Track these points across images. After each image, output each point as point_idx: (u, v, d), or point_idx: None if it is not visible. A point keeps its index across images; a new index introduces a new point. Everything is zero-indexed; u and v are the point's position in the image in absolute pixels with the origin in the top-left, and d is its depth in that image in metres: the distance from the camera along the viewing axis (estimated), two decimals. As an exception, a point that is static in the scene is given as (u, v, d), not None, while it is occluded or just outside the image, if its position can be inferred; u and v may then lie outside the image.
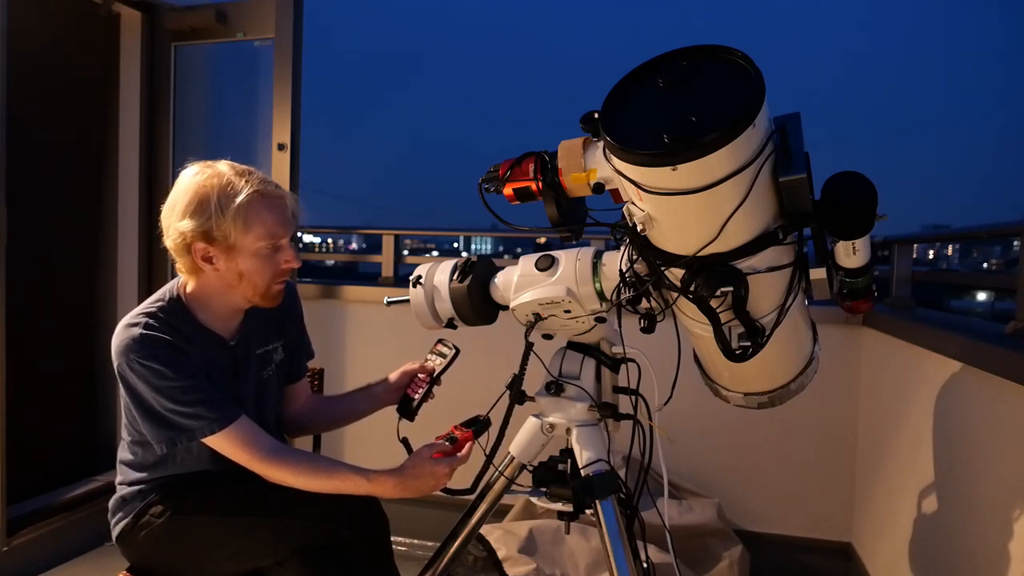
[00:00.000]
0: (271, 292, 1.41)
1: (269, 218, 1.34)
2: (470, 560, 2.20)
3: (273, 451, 1.36)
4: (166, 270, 2.97)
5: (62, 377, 2.93)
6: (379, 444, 1.71)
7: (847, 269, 1.15)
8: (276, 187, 1.38)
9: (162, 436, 1.33)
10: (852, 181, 1.08)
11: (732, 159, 0.97)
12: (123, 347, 1.31)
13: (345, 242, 24.88)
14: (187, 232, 1.32)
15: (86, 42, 2.95)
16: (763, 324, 1.17)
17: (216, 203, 1.30)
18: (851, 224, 1.08)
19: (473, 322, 1.45)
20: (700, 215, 1.06)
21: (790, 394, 1.41)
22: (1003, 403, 1.40)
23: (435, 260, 1.51)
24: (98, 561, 2.62)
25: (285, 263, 1.40)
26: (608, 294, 1.30)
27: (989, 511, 1.44)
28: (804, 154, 1.04)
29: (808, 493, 2.57)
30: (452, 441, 1.40)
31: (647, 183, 1.03)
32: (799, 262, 1.15)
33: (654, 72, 1.07)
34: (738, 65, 1.02)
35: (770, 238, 1.08)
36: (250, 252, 1.35)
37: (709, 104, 1.02)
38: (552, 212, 1.24)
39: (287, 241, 1.40)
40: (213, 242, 1.33)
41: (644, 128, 1.02)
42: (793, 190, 1.03)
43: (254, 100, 3.01)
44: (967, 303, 17.44)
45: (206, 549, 1.39)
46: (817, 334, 1.42)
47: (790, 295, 1.16)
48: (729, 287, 1.08)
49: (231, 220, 1.30)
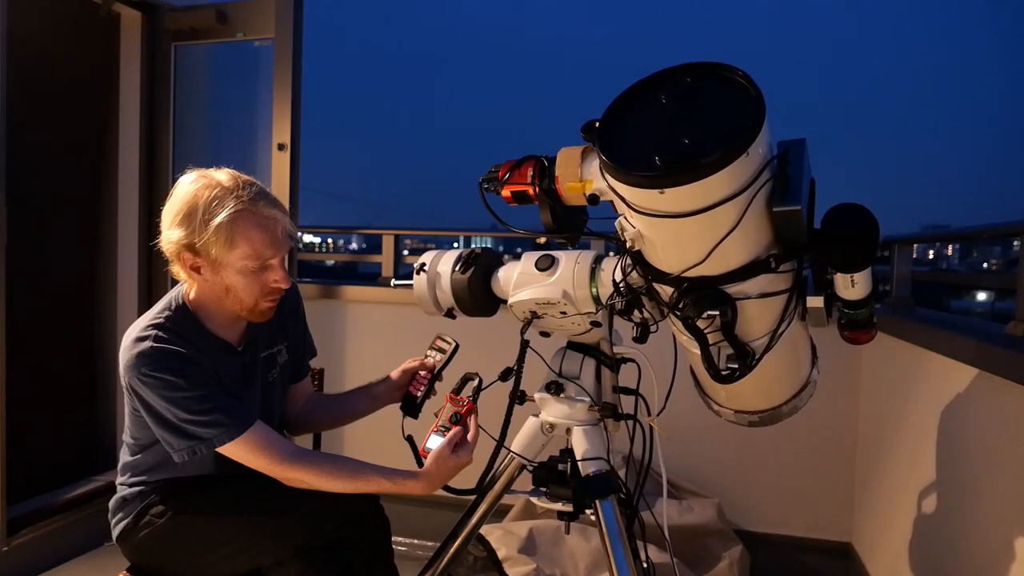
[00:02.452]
0: (259, 309, 1.37)
1: (256, 236, 1.30)
2: (470, 560, 2.20)
3: (292, 455, 1.35)
4: (166, 271, 2.97)
5: (62, 377, 2.93)
6: (379, 443, 1.71)
7: (845, 300, 1.12)
8: (270, 204, 1.33)
9: (182, 445, 1.32)
10: (853, 213, 1.05)
11: (722, 187, 0.95)
12: (133, 362, 1.29)
13: (345, 242, 24.88)
14: (174, 241, 1.30)
15: (86, 42, 2.95)
16: (754, 347, 1.15)
17: (201, 216, 1.27)
18: (848, 258, 1.06)
19: (472, 313, 1.45)
20: (688, 238, 1.04)
21: (782, 416, 1.39)
22: (1004, 403, 1.40)
23: (441, 249, 1.51)
24: (98, 561, 2.62)
25: (274, 283, 1.35)
26: (604, 300, 1.30)
27: (989, 511, 1.44)
28: (810, 180, 1.01)
29: (808, 493, 2.57)
30: (456, 419, 1.40)
31: (636, 203, 1.02)
32: (796, 288, 1.12)
33: (658, 86, 1.05)
34: (741, 86, 0.99)
35: (762, 266, 1.05)
36: (235, 269, 1.31)
37: (707, 126, 1.00)
38: (546, 218, 1.24)
39: (277, 261, 1.35)
40: (198, 254, 1.31)
41: (640, 146, 1.01)
42: (787, 221, 1.00)
43: (254, 100, 3.01)
44: (967, 303, 17.44)
45: (206, 549, 1.39)
46: (817, 358, 1.40)
47: (784, 321, 1.13)
48: (716, 311, 1.07)
49: (213, 235, 1.27)
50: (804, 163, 1.03)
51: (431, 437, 1.39)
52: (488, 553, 2.19)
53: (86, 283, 3.03)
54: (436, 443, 1.37)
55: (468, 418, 1.40)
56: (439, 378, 1.55)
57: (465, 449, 1.36)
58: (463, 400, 1.42)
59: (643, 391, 1.42)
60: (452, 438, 1.36)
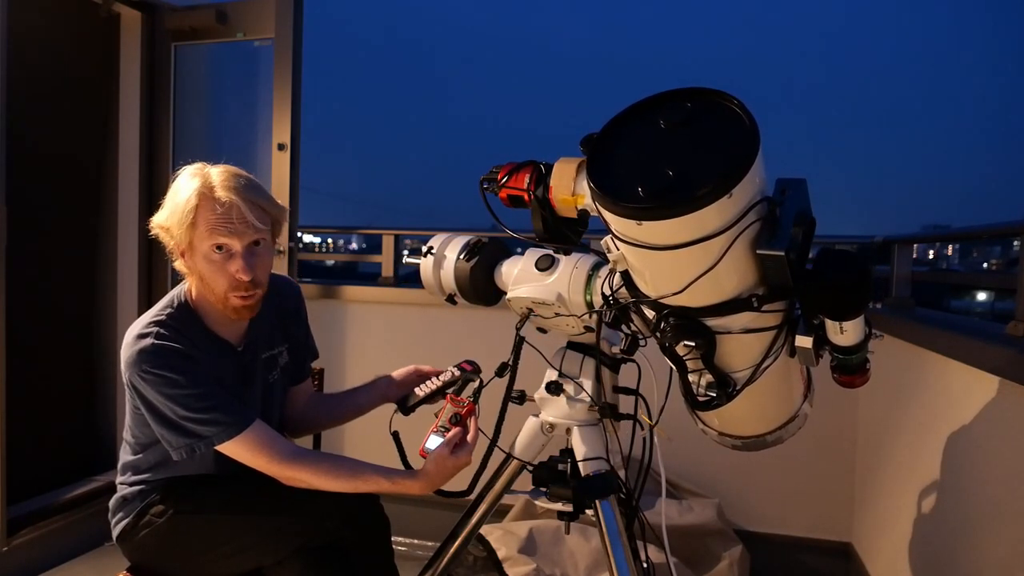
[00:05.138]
0: (231, 304, 1.36)
1: (211, 219, 1.30)
2: (470, 560, 2.20)
3: (291, 454, 1.35)
4: (166, 270, 2.97)
5: (62, 377, 2.93)
6: (379, 443, 1.70)
7: (835, 345, 1.09)
8: (231, 189, 1.31)
9: (181, 443, 1.32)
10: (843, 260, 1.02)
11: (700, 226, 0.93)
12: (134, 359, 1.30)
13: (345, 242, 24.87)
14: (155, 226, 1.35)
15: (86, 42, 2.95)
16: (736, 379, 1.14)
17: (173, 197, 1.33)
18: (836, 306, 1.03)
19: (473, 300, 1.46)
20: (667, 269, 1.04)
21: (766, 444, 1.38)
22: (1003, 403, 1.41)
23: (452, 233, 1.51)
24: (98, 561, 2.62)
25: (236, 272, 1.33)
26: (597, 307, 1.30)
27: (989, 511, 1.44)
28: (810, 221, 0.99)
29: (808, 493, 2.57)
30: (456, 420, 1.39)
31: (616, 229, 1.02)
32: (786, 324, 1.11)
33: (657, 109, 1.03)
34: (739, 119, 0.97)
35: (743, 304, 1.04)
36: (201, 254, 1.33)
37: (696, 158, 0.98)
38: (538, 226, 1.25)
39: (239, 249, 1.33)
40: (172, 237, 1.34)
41: (628, 172, 1.00)
42: (770, 264, 0.98)
43: (254, 100, 3.01)
44: (967, 303, 17.43)
45: (207, 548, 1.39)
46: (812, 391, 1.38)
47: (768, 357, 1.11)
48: (692, 343, 1.07)
49: (180, 216, 1.30)
50: (798, 205, 1.00)
51: (431, 437, 1.39)
52: (488, 553, 2.19)
53: (86, 283, 3.03)
54: (435, 443, 1.37)
55: (468, 419, 1.40)
56: (443, 394, 1.52)
57: (464, 450, 1.36)
58: (463, 401, 1.42)
59: (643, 391, 1.42)
60: (451, 439, 1.36)
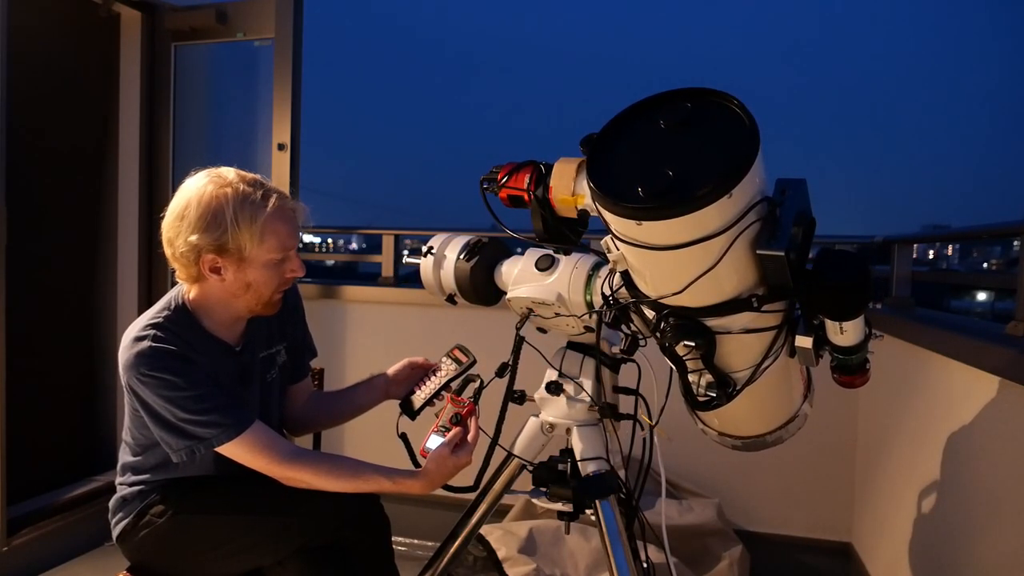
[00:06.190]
0: (272, 301, 1.41)
1: (283, 230, 1.34)
2: (470, 560, 2.20)
3: (291, 454, 1.36)
4: (166, 269, 2.97)
5: (62, 377, 2.93)
6: (379, 443, 1.71)
7: (835, 345, 1.10)
8: (288, 198, 1.37)
9: (181, 445, 1.32)
10: (843, 261, 1.02)
11: (699, 226, 0.93)
12: (132, 361, 1.30)
13: (345, 242, 24.87)
14: (200, 245, 1.30)
15: (86, 42, 2.95)
16: (736, 379, 1.14)
17: (232, 216, 1.29)
18: (836, 307, 1.04)
19: (473, 300, 1.46)
20: (667, 269, 1.04)
21: (766, 444, 1.38)
22: (1003, 403, 1.40)
23: (452, 233, 1.52)
24: (98, 561, 2.62)
25: (290, 272, 1.39)
26: (597, 307, 1.30)
27: (989, 511, 1.44)
28: (810, 221, 0.99)
29: (808, 493, 2.57)
30: (456, 420, 1.40)
31: (616, 229, 1.02)
32: (786, 325, 1.11)
33: (657, 109, 1.03)
34: (739, 119, 0.97)
35: (743, 304, 1.04)
36: (261, 263, 1.34)
37: (696, 159, 0.98)
38: (537, 226, 1.25)
39: (295, 251, 1.40)
40: (225, 254, 1.31)
41: (628, 172, 1.00)
42: (770, 264, 0.98)
43: (254, 100, 3.02)
44: (967, 303, 17.43)
45: (207, 549, 1.39)
46: (812, 391, 1.38)
47: (768, 357, 1.11)
48: (692, 343, 1.07)
49: (247, 233, 1.30)
50: (798, 205, 1.00)
51: (431, 437, 1.39)
52: (488, 553, 2.19)
53: (86, 283, 3.03)
54: (436, 443, 1.37)
55: (468, 419, 1.40)
56: (447, 388, 1.52)
57: (465, 450, 1.36)
58: (464, 401, 1.42)
59: (643, 391, 1.42)
60: (452, 439, 1.36)
